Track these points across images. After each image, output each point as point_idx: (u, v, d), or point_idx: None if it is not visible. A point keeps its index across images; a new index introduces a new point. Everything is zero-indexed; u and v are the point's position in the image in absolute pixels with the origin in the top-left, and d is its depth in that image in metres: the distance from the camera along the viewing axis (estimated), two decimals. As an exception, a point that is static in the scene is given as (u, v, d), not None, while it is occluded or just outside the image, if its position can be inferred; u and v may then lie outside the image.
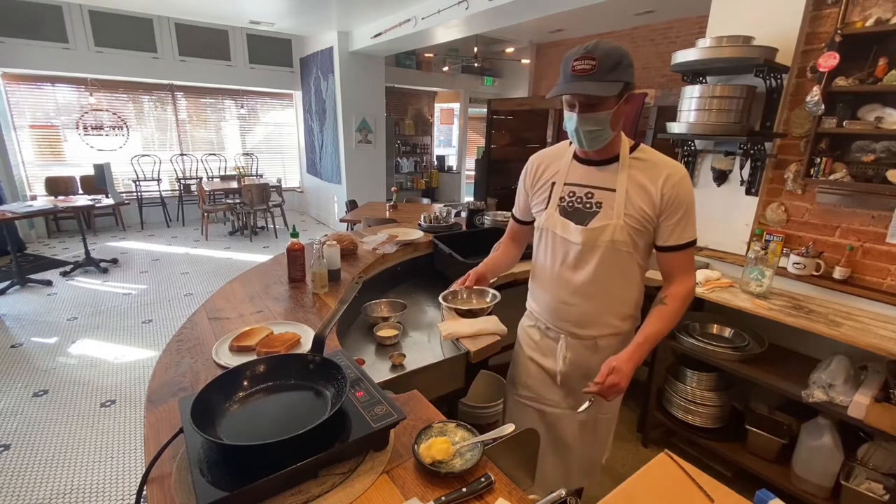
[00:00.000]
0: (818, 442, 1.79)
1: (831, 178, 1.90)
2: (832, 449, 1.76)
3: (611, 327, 1.27)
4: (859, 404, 1.60)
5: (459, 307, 1.42)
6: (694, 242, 1.18)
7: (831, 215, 2.03)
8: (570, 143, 1.25)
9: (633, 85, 1.08)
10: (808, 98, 1.87)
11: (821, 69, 1.83)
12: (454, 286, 1.53)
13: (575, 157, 1.25)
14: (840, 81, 1.83)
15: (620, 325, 1.28)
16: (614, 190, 1.16)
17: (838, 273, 1.95)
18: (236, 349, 1.25)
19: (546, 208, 1.27)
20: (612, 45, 1.04)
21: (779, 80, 2.01)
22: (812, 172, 1.96)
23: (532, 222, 1.38)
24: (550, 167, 1.29)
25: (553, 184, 1.26)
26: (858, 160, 1.88)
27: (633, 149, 1.18)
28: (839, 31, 1.80)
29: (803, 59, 2.02)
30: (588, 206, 1.20)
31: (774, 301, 1.95)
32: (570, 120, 1.11)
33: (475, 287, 1.49)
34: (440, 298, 1.44)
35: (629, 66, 1.06)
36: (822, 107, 1.85)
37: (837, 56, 1.78)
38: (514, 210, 1.47)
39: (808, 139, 1.97)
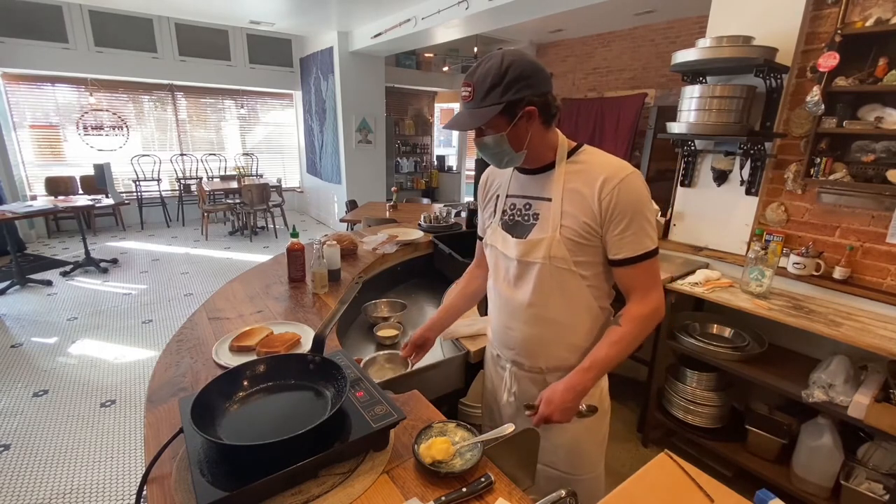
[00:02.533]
0: (818, 442, 1.79)
1: (831, 178, 1.90)
2: (832, 449, 1.76)
3: (558, 359, 1.12)
4: (859, 404, 1.60)
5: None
6: (652, 253, 1.01)
7: (831, 215, 2.03)
8: None
9: (528, 98, 0.94)
10: (808, 98, 1.87)
11: (821, 69, 1.83)
12: (403, 355, 1.37)
13: (516, 167, 1.13)
14: (840, 81, 1.83)
15: (569, 358, 1.11)
16: (550, 199, 1.04)
17: (838, 273, 1.95)
18: (236, 349, 1.25)
19: (491, 223, 1.18)
20: (493, 63, 0.93)
21: (779, 80, 2.01)
22: (812, 172, 1.96)
23: None
24: (497, 179, 1.20)
25: (498, 196, 1.18)
26: (858, 160, 1.88)
27: (572, 152, 1.05)
28: (839, 31, 1.80)
29: (803, 59, 2.02)
30: (526, 217, 1.09)
31: (774, 301, 1.95)
32: (475, 145, 1.04)
33: (392, 353, 1.42)
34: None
35: (519, 79, 0.92)
36: (822, 107, 1.85)
37: (837, 56, 1.78)
38: (478, 229, 1.33)
39: (808, 139, 1.97)
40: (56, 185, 6.01)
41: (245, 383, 0.93)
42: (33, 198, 5.86)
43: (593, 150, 1.05)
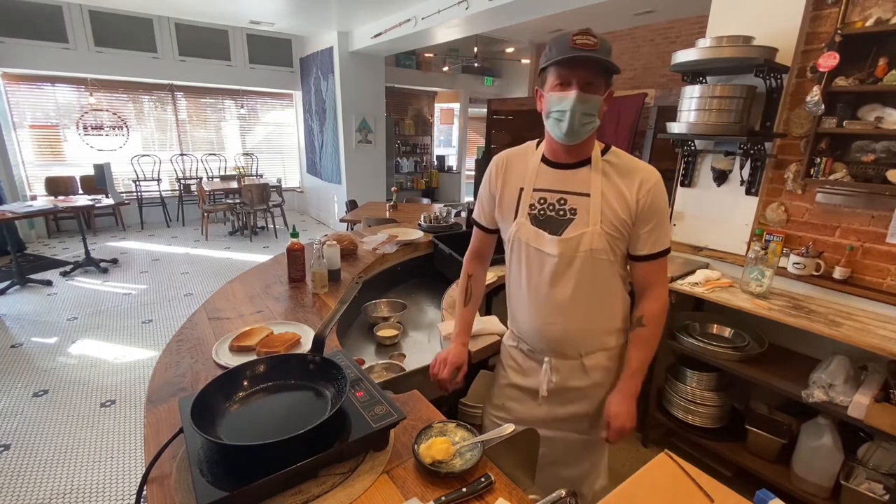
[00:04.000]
0: (818, 442, 1.79)
1: (831, 178, 1.90)
2: (832, 449, 1.76)
3: (597, 343, 1.19)
4: (859, 404, 1.60)
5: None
6: (668, 250, 1.11)
7: (831, 215, 2.03)
8: (537, 144, 1.18)
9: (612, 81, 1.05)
10: (808, 98, 1.87)
11: (821, 69, 1.83)
12: (441, 374, 1.25)
13: (543, 160, 1.14)
14: (840, 81, 1.83)
15: (608, 341, 1.19)
16: (588, 195, 1.07)
17: (838, 273, 1.95)
18: (236, 349, 1.25)
19: (515, 217, 1.15)
20: (600, 35, 1.00)
21: (779, 80, 2.01)
22: (812, 172, 1.96)
23: (497, 231, 1.26)
24: (517, 170, 1.17)
25: (521, 189, 1.14)
26: (858, 160, 1.88)
27: (604, 151, 1.11)
28: (839, 31, 1.79)
29: (803, 59, 2.02)
30: (562, 213, 1.10)
31: (774, 301, 1.95)
32: (564, 100, 1.00)
33: (391, 363, 1.47)
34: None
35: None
36: (822, 107, 1.85)
37: (837, 56, 1.78)
38: (476, 216, 1.29)
39: (808, 139, 1.97)
40: (56, 185, 6.01)
41: (245, 383, 0.93)
42: (33, 198, 5.86)
43: (621, 152, 1.13)
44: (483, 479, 0.81)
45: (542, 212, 1.12)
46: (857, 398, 1.61)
